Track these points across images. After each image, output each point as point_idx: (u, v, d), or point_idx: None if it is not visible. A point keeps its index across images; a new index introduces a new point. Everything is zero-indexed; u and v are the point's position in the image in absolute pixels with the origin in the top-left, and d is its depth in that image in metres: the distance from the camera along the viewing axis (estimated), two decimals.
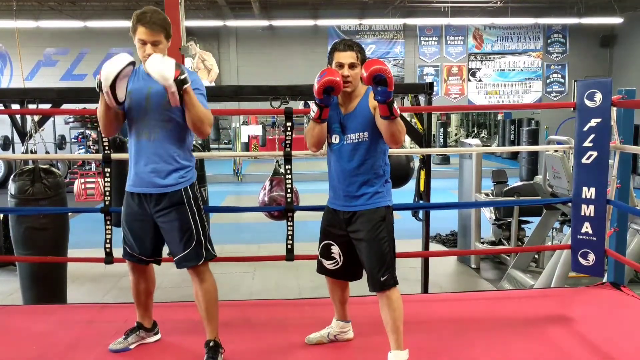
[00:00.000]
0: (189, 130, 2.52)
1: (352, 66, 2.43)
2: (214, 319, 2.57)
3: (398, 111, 2.27)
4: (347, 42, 2.48)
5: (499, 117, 20.74)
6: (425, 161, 4.29)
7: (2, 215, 6.03)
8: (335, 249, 2.59)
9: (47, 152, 10.12)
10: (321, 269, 2.66)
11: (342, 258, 2.59)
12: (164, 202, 2.48)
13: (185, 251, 2.50)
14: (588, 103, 3.30)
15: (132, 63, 2.34)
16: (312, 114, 2.43)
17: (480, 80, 17.47)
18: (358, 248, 2.49)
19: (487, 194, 6.68)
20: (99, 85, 2.33)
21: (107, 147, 3.28)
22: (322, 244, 2.63)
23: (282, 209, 3.58)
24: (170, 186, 2.48)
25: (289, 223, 3.41)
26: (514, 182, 7.14)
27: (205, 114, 2.43)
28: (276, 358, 2.66)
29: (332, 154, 2.55)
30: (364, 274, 2.60)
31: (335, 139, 2.50)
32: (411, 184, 4.61)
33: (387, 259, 2.42)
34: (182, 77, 2.29)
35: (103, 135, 3.04)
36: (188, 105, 2.37)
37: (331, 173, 2.57)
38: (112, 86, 2.30)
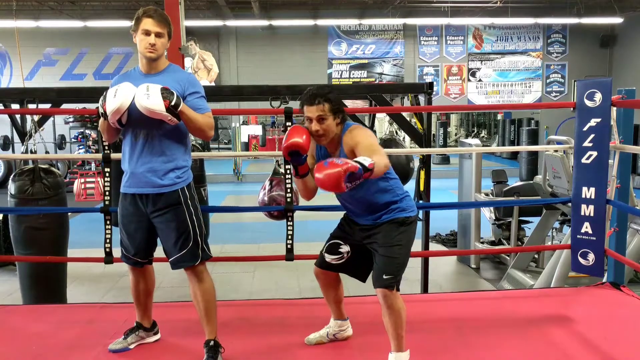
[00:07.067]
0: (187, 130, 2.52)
1: (320, 119, 2.34)
2: (213, 318, 2.57)
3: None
4: (313, 94, 2.35)
5: (499, 117, 20.72)
6: (425, 161, 4.29)
7: (2, 215, 6.03)
8: (344, 248, 2.59)
9: (47, 152, 10.12)
10: (322, 263, 2.62)
11: (349, 256, 2.58)
12: (160, 202, 2.47)
13: (182, 252, 2.49)
14: (588, 103, 3.29)
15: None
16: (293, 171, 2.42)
17: (480, 80, 17.46)
18: (373, 253, 2.47)
19: (487, 194, 6.67)
20: (104, 114, 2.38)
21: (106, 147, 3.28)
22: (330, 242, 2.62)
23: (282, 208, 3.57)
24: (168, 186, 2.47)
25: (288, 223, 3.41)
26: (514, 182, 7.14)
27: (205, 123, 2.44)
28: (276, 358, 2.65)
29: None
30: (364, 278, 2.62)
31: None
32: (411, 184, 4.61)
33: (395, 262, 2.39)
34: (173, 102, 2.30)
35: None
36: (186, 121, 2.41)
37: (342, 206, 2.58)
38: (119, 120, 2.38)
